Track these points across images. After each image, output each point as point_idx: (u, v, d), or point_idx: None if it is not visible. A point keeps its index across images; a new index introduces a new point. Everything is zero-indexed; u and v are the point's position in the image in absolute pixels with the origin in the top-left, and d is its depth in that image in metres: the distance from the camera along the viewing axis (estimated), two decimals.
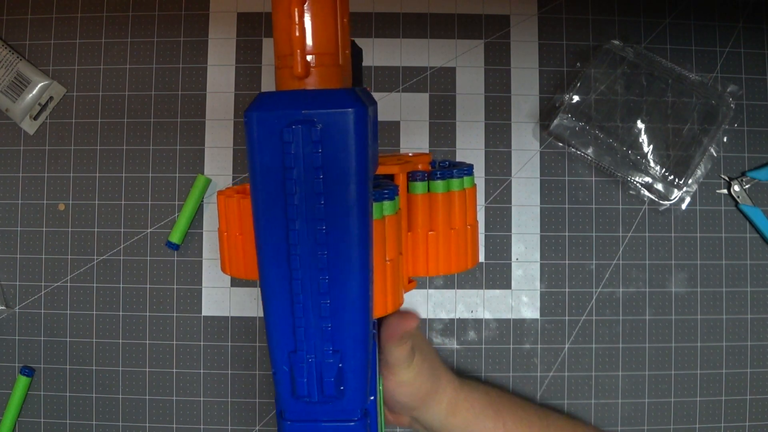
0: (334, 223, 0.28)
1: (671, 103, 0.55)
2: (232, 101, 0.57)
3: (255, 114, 0.27)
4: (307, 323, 0.29)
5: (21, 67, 0.57)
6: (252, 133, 0.27)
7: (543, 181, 0.57)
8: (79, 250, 0.57)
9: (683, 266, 0.56)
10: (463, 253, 0.37)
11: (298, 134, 0.27)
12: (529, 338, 0.56)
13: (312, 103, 0.27)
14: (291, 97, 0.27)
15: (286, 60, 0.28)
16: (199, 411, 0.56)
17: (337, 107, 0.27)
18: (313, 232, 0.28)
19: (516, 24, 0.58)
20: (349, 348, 0.29)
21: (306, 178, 0.27)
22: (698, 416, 0.55)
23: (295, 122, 0.27)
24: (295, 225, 0.27)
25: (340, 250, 0.28)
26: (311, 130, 0.27)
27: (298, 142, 0.27)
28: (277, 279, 0.28)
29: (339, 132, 0.27)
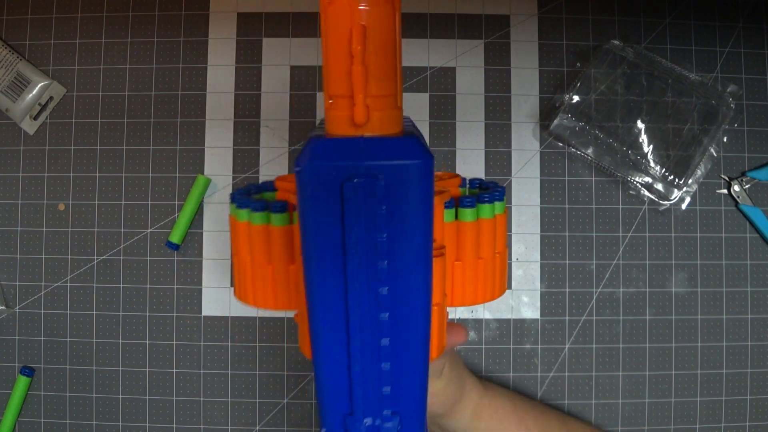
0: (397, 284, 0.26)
1: (671, 103, 0.55)
2: (232, 101, 0.57)
3: (311, 164, 0.24)
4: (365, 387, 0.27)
5: (21, 67, 0.57)
6: (306, 187, 0.24)
7: (543, 181, 0.57)
8: (79, 250, 0.57)
9: (683, 266, 0.56)
10: (491, 283, 0.34)
11: (360, 189, 0.24)
12: (529, 338, 0.56)
13: (374, 154, 0.24)
14: (350, 145, 0.25)
15: (341, 102, 0.25)
16: (199, 411, 0.56)
17: (403, 158, 0.24)
18: (375, 294, 0.26)
19: (516, 24, 0.58)
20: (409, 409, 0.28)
21: (368, 237, 0.25)
22: (698, 416, 0.55)
23: (357, 175, 0.24)
24: (355, 287, 0.25)
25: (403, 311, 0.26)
26: (375, 185, 0.24)
27: (359, 197, 0.24)
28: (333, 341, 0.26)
29: (405, 186, 0.24)
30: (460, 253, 0.33)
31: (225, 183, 0.57)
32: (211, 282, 0.56)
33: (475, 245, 0.34)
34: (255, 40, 0.58)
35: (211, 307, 0.56)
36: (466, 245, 0.33)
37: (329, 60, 0.25)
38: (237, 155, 0.57)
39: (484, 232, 0.34)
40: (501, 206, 0.35)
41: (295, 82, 0.57)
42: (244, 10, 0.58)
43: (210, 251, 0.56)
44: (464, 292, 0.34)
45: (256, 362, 0.56)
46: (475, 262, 0.34)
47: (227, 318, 0.56)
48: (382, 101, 0.25)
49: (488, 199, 0.34)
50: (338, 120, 0.25)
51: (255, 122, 0.57)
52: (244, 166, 0.57)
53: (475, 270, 0.34)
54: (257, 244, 0.32)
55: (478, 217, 0.33)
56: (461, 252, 0.33)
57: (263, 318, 0.56)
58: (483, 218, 0.34)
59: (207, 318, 0.56)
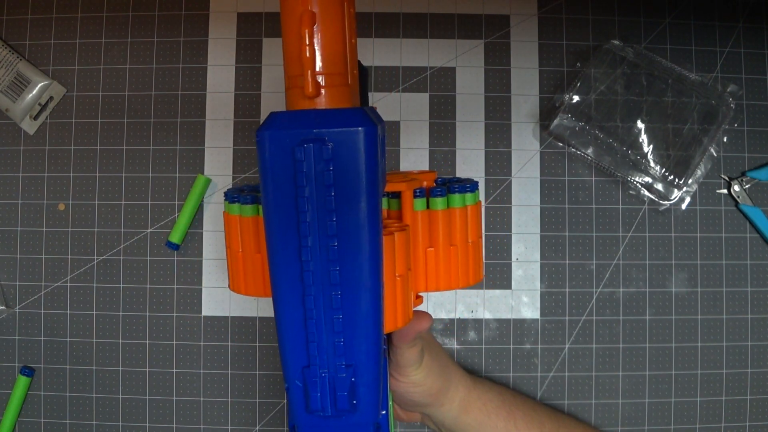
0: (346, 240, 0.28)
1: (671, 103, 0.55)
2: (232, 101, 0.57)
3: (267, 133, 0.27)
4: (320, 338, 0.29)
5: (21, 67, 0.57)
6: (264, 152, 0.28)
7: (543, 181, 0.57)
8: (79, 250, 0.57)
9: (683, 266, 0.56)
10: (464, 269, 0.37)
11: (310, 152, 0.27)
12: (529, 338, 0.56)
13: (323, 122, 0.27)
14: (302, 116, 0.28)
15: (296, 80, 0.29)
16: (199, 411, 0.56)
17: (348, 126, 0.27)
18: (326, 249, 0.28)
19: (516, 24, 0.58)
20: (362, 362, 0.30)
21: (318, 196, 0.28)
22: (698, 416, 0.55)
23: (307, 141, 0.27)
24: (307, 242, 0.28)
25: (353, 265, 0.28)
26: (323, 149, 0.27)
27: (309, 160, 0.27)
28: (291, 295, 0.29)
29: (350, 150, 0.27)
30: (433, 240, 0.36)
31: (225, 183, 0.57)
32: (211, 282, 0.56)
33: (446, 233, 0.36)
34: (255, 40, 0.58)
35: (211, 307, 0.56)
36: (438, 233, 0.36)
37: (286, 44, 0.29)
38: (237, 155, 0.57)
39: (455, 221, 0.36)
40: (473, 197, 0.37)
41: None
42: (244, 10, 0.58)
43: (210, 251, 0.56)
44: (438, 277, 0.36)
45: (256, 362, 0.56)
46: (447, 249, 0.36)
47: (227, 318, 0.56)
48: (333, 78, 0.29)
49: (458, 190, 0.36)
50: (293, 96, 0.29)
51: (255, 122, 0.57)
52: (244, 166, 0.57)
53: (447, 256, 0.36)
54: (247, 234, 0.35)
55: (448, 206, 0.36)
56: (434, 239, 0.36)
57: (263, 318, 0.56)
58: (454, 207, 0.36)
59: (207, 318, 0.56)
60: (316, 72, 0.28)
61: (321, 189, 0.28)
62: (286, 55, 0.29)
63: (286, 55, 0.29)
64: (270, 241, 0.29)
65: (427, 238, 0.36)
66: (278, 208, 0.28)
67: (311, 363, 0.29)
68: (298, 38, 0.28)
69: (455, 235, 0.36)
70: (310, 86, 0.28)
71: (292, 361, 0.30)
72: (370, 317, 0.29)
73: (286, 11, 0.28)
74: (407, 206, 0.35)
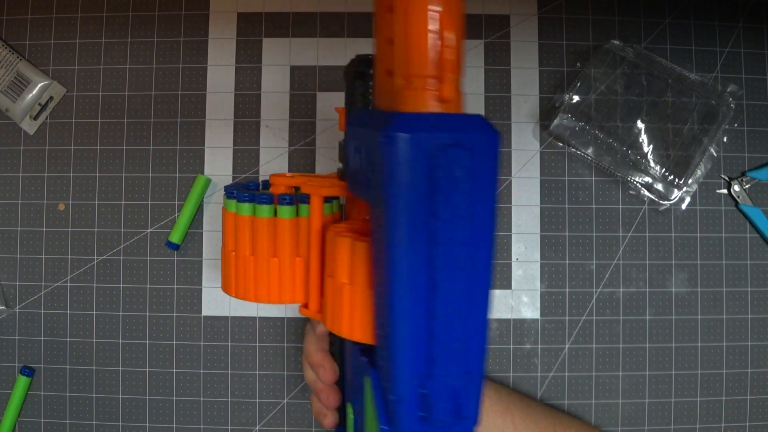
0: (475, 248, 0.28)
1: (671, 103, 0.55)
2: (232, 101, 0.57)
3: (404, 135, 0.26)
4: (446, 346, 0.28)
5: (21, 67, 0.57)
6: (397, 155, 0.26)
7: (543, 181, 0.57)
8: (79, 250, 0.57)
9: (683, 266, 0.56)
10: None
11: (452, 158, 0.26)
12: (529, 338, 0.56)
13: (458, 127, 0.27)
14: (435, 119, 0.27)
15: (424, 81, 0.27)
16: (199, 411, 0.56)
17: (484, 131, 0.27)
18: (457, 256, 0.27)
19: (516, 24, 0.58)
20: (476, 368, 0.29)
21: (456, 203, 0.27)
22: (699, 416, 0.55)
23: (448, 145, 0.26)
24: (440, 249, 0.27)
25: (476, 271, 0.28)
26: (462, 154, 0.26)
27: (450, 165, 0.26)
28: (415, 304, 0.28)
29: (485, 156, 0.27)
30: None
31: (225, 183, 0.57)
32: (211, 282, 0.56)
33: None
34: (255, 40, 0.58)
35: (211, 307, 0.56)
36: None
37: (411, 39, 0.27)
38: (237, 155, 0.57)
39: None
40: None
41: (295, 82, 0.57)
42: (244, 10, 0.58)
43: (210, 251, 0.56)
44: None
45: (256, 362, 0.56)
46: None
47: (227, 318, 0.56)
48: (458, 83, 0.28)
49: None
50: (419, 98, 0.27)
51: (255, 122, 0.57)
52: (244, 166, 0.57)
53: None
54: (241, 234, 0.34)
55: None
56: None
57: (263, 318, 0.56)
58: None
59: (207, 318, 0.56)
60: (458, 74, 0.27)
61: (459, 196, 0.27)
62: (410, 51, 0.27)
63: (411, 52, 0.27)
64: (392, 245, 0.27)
65: None
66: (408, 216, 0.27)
67: (435, 372, 0.28)
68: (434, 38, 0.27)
69: None
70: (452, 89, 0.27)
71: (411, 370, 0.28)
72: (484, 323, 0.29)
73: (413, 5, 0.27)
74: None
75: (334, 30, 0.58)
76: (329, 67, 0.57)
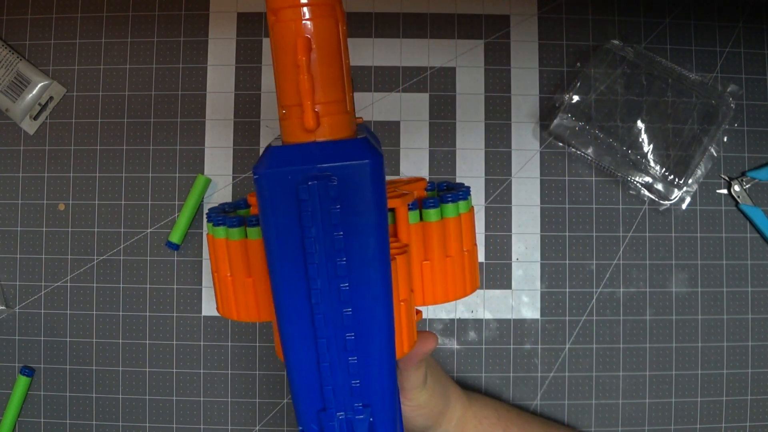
0: (357, 279, 0.27)
1: (671, 103, 0.55)
2: (232, 101, 0.57)
3: (267, 171, 0.25)
4: (335, 381, 0.28)
5: (21, 67, 0.57)
6: (264, 192, 0.26)
7: (543, 181, 0.57)
8: (79, 250, 0.57)
9: (683, 266, 0.56)
10: (460, 280, 0.35)
11: (315, 191, 0.26)
12: (529, 338, 0.56)
13: (326, 156, 0.26)
14: (303, 150, 0.26)
15: (293, 110, 0.27)
16: (199, 411, 0.56)
17: (354, 159, 0.26)
18: (336, 290, 0.27)
19: (516, 24, 0.58)
20: (379, 401, 0.29)
21: (325, 236, 0.26)
22: (699, 416, 0.55)
23: (311, 178, 0.25)
24: (317, 284, 0.27)
25: (365, 304, 0.27)
26: (328, 186, 0.26)
27: (314, 199, 0.26)
28: (301, 338, 0.28)
29: (357, 185, 0.26)
30: (428, 253, 0.34)
31: (225, 183, 0.57)
32: (211, 282, 0.56)
33: (441, 244, 0.34)
34: (255, 40, 0.58)
35: (211, 307, 0.56)
36: (433, 245, 0.34)
37: (279, 72, 0.27)
38: (237, 155, 0.57)
39: (450, 231, 0.35)
40: (466, 205, 0.36)
41: None
42: (244, 10, 0.58)
43: None
44: (435, 290, 0.35)
45: (256, 362, 0.56)
46: (443, 261, 0.34)
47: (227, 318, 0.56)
48: (332, 107, 0.27)
49: (451, 199, 0.35)
50: (291, 128, 0.27)
51: (255, 122, 0.57)
52: (244, 166, 0.57)
53: (443, 268, 0.35)
54: (236, 258, 0.33)
55: (442, 217, 0.34)
56: (429, 251, 0.34)
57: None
58: (447, 217, 0.35)
59: (207, 318, 0.56)
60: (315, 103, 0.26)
61: (328, 228, 0.26)
62: (280, 84, 0.27)
63: (280, 85, 0.27)
64: (275, 284, 0.27)
65: (422, 251, 0.34)
66: (283, 250, 0.26)
67: (327, 406, 0.28)
68: (294, 66, 0.26)
69: (451, 246, 0.35)
70: (310, 119, 0.26)
71: (306, 404, 0.29)
72: (385, 355, 0.28)
73: (278, 38, 0.26)
74: (402, 223, 0.33)
75: None
76: None
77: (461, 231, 0.35)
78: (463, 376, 0.56)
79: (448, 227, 0.35)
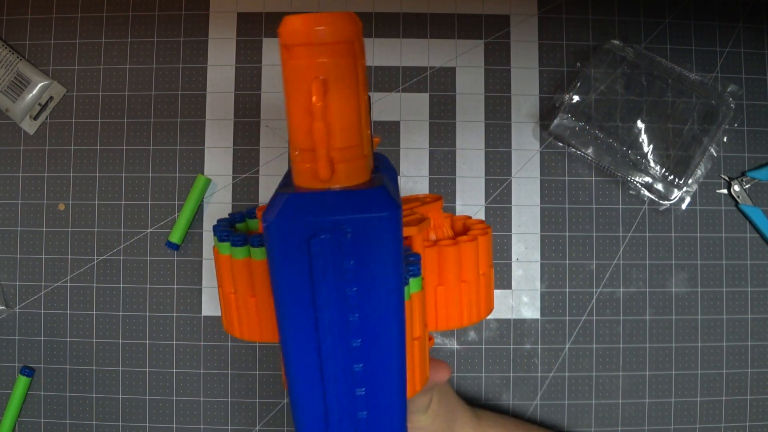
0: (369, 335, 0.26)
1: (671, 103, 0.55)
2: (232, 101, 0.57)
3: (277, 221, 0.24)
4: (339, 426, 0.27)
5: (21, 67, 0.57)
6: (273, 242, 0.24)
7: (543, 181, 0.57)
8: (79, 250, 0.57)
9: (683, 266, 0.56)
10: (475, 305, 0.34)
11: (327, 245, 0.24)
12: (529, 338, 0.56)
13: (341, 208, 0.24)
14: (315, 199, 0.24)
15: (306, 155, 0.24)
16: (199, 411, 0.56)
17: (370, 211, 0.24)
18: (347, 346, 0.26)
19: (516, 24, 0.58)
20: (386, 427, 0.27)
21: (337, 291, 0.25)
22: (699, 416, 0.55)
23: (323, 230, 0.24)
24: (327, 340, 0.25)
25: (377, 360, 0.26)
26: (342, 240, 0.24)
27: (327, 253, 0.24)
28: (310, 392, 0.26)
29: (373, 238, 0.24)
30: (443, 278, 0.33)
31: (225, 183, 0.57)
32: (211, 282, 0.56)
33: (457, 269, 0.33)
34: (255, 40, 0.58)
35: (211, 307, 0.56)
36: (447, 270, 0.33)
37: (291, 113, 0.24)
38: (237, 155, 0.57)
39: (466, 256, 0.33)
40: None
41: None
42: (244, 10, 0.58)
43: (210, 251, 0.56)
44: (448, 315, 0.33)
45: (256, 362, 0.56)
46: (459, 286, 0.33)
47: None
48: (347, 152, 0.25)
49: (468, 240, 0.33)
50: (304, 173, 0.25)
51: (255, 122, 0.57)
52: (244, 166, 0.57)
53: (459, 294, 0.33)
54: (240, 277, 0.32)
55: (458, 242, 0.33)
56: (443, 277, 0.33)
57: None
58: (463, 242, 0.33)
59: (207, 318, 0.56)
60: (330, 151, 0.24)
61: (341, 284, 0.25)
62: (293, 126, 0.25)
63: (293, 127, 0.25)
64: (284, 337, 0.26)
65: (436, 276, 0.33)
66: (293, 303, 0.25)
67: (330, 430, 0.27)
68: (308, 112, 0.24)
69: (466, 271, 0.33)
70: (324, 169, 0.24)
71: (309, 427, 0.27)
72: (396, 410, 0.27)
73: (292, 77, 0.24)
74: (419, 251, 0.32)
75: None
76: None
77: (477, 255, 0.34)
78: (463, 376, 0.56)
79: (463, 252, 0.33)
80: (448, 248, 0.32)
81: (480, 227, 0.36)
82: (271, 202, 0.25)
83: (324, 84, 0.23)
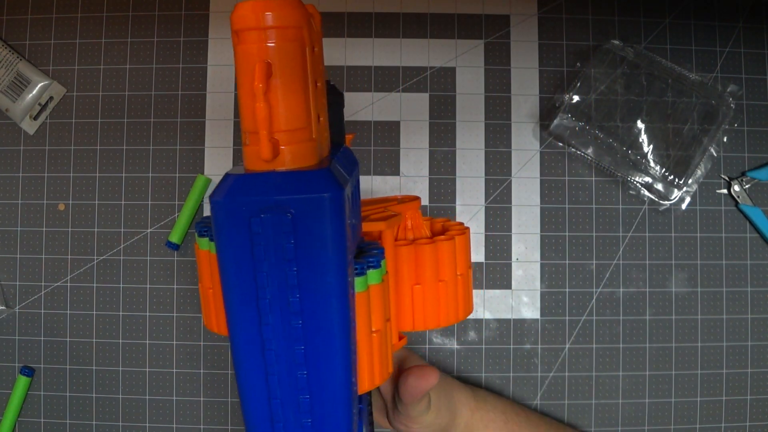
0: (310, 316, 0.26)
1: (671, 103, 0.55)
2: (232, 101, 0.57)
3: (221, 200, 0.24)
4: (285, 418, 0.27)
5: (21, 67, 0.57)
6: (218, 221, 0.25)
7: (543, 181, 0.57)
8: (79, 250, 0.57)
9: (683, 266, 0.56)
10: (453, 305, 0.34)
11: (268, 224, 0.24)
12: (529, 338, 0.56)
13: (283, 188, 0.24)
14: (260, 180, 0.25)
15: (252, 137, 0.25)
16: (199, 411, 0.56)
17: (311, 192, 0.24)
18: (288, 327, 0.26)
19: (516, 24, 0.58)
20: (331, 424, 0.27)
21: (278, 270, 0.25)
22: (699, 416, 0.55)
23: (265, 209, 0.24)
24: (268, 320, 0.25)
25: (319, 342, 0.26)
26: (282, 219, 0.24)
27: (268, 232, 0.24)
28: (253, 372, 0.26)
29: (314, 219, 0.24)
30: (420, 277, 0.33)
31: None
32: None
33: (434, 268, 0.33)
34: None
35: None
36: (425, 268, 0.33)
37: (240, 97, 0.25)
38: (237, 155, 0.57)
39: (443, 255, 0.33)
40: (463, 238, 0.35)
41: None
42: None
43: None
44: (426, 315, 0.33)
45: None
46: (436, 285, 0.33)
47: None
48: (294, 135, 0.25)
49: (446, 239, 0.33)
50: (251, 155, 0.26)
51: None
52: None
53: (436, 293, 0.33)
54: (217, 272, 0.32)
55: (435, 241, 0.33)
56: (420, 275, 0.33)
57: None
58: (440, 241, 0.33)
59: None
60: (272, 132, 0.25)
61: (281, 263, 0.25)
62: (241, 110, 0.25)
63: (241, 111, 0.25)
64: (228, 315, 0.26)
65: (413, 274, 0.33)
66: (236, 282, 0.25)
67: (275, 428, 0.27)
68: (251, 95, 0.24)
69: (443, 270, 0.33)
70: (265, 149, 0.24)
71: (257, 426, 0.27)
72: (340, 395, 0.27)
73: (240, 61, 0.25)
74: (389, 247, 0.32)
75: (333, 30, 0.58)
76: (328, 67, 0.57)
77: (455, 254, 0.34)
78: (463, 376, 0.56)
79: (441, 251, 0.33)
80: (425, 246, 0.33)
81: (458, 228, 0.37)
82: (219, 183, 0.25)
83: (267, 67, 0.24)
